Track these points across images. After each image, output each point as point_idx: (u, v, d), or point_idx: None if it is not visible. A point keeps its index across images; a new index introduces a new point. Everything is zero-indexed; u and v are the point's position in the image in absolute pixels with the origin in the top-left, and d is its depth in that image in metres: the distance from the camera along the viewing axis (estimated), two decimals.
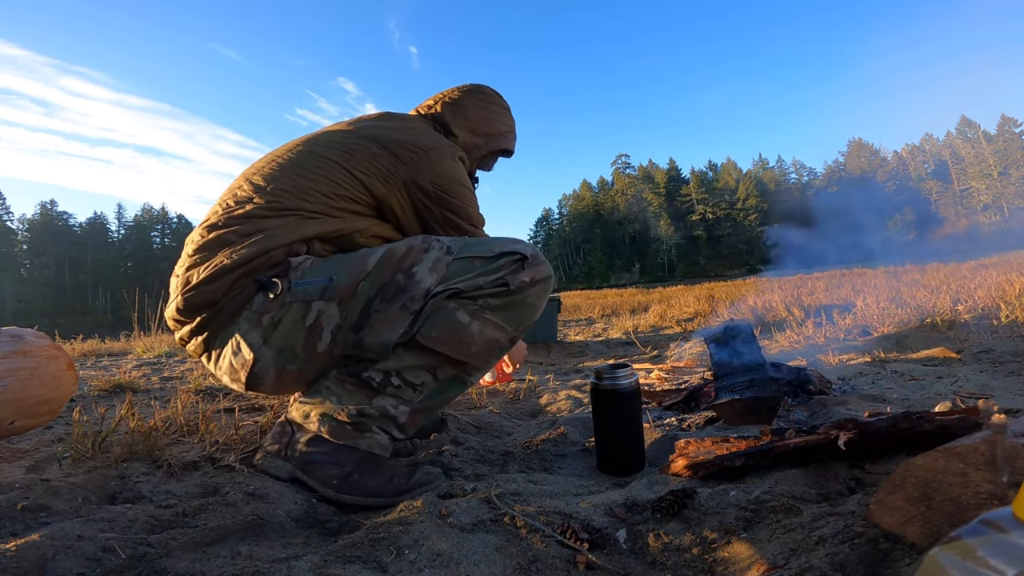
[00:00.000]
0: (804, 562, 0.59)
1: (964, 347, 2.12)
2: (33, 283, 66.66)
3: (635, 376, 1.06)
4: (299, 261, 1.00)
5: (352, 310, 0.97)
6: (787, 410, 1.36)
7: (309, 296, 0.96)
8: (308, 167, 1.08)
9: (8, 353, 1.18)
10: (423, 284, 0.97)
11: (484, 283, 0.99)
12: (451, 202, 1.17)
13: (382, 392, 0.97)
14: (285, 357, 0.97)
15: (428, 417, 1.04)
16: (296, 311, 0.96)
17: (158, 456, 1.11)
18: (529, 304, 1.03)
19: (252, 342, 0.97)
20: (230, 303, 0.98)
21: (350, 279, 0.98)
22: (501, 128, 1.39)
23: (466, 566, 0.67)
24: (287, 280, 0.98)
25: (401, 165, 1.12)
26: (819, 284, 5.90)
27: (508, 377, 2.45)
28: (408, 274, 0.98)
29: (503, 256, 1.01)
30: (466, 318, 0.98)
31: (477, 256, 1.01)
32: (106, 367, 3.22)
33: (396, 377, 0.97)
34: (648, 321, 5.36)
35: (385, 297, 0.97)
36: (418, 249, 1.01)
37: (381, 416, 0.98)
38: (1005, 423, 0.58)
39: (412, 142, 1.14)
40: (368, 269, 0.98)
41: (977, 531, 0.34)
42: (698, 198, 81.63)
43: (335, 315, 0.97)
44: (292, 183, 1.06)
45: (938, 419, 0.80)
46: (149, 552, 0.69)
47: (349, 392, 0.98)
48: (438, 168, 1.15)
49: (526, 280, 1.01)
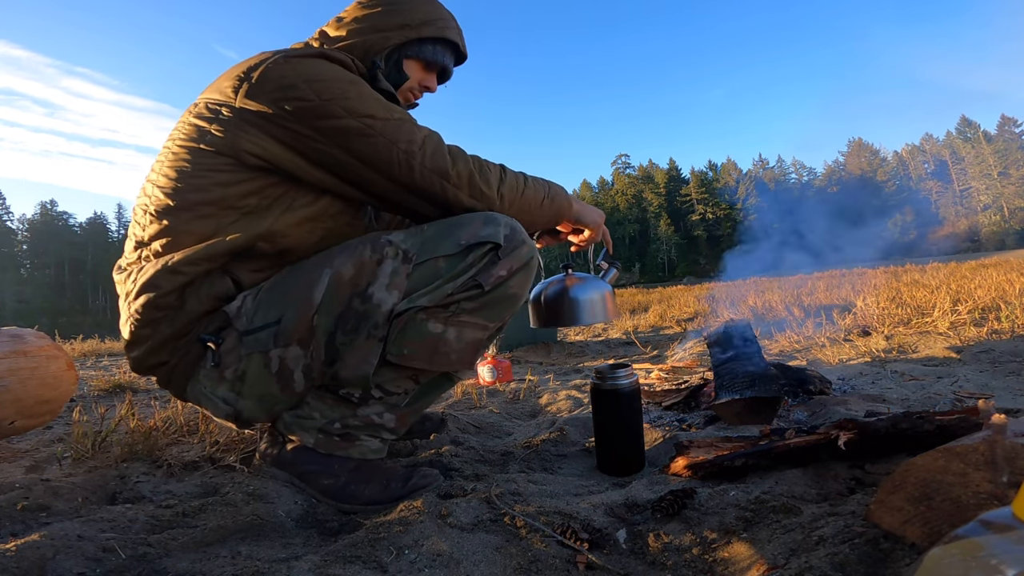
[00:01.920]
0: (804, 562, 0.59)
1: (964, 347, 2.12)
2: (33, 283, 66.66)
3: (635, 376, 1.06)
4: (237, 306, 0.87)
5: (317, 346, 0.87)
6: (787, 410, 1.36)
7: (263, 346, 0.86)
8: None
9: (8, 353, 1.18)
10: (384, 306, 0.86)
11: (453, 288, 0.87)
12: (323, 108, 0.83)
13: (365, 404, 0.92)
14: (266, 403, 0.91)
15: (416, 417, 0.99)
16: (257, 361, 0.87)
17: (158, 456, 1.11)
18: (511, 295, 0.92)
19: (226, 398, 0.90)
20: (181, 363, 0.91)
21: (300, 317, 0.86)
22: (420, 17, 1.03)
23: (466, 566, 0.67)
24: (234, 331, 0.87)
25: (222, 112, 0.85)
26: (819, 284, 5.89)
27: (508, 376, 2.45)
28: (364, 298, 0.86)
29: (472, 249, 0.87)
30: (439, 327, 0.88)
31: (441, 255, 0.87)
32: (106, 367, 3.22)
33: (377, 390, 0.91)
34: (648, 321, 5.35)
35: (346, 328, 0.86)
36: (370, 264, 0.87)
37: (367, 425, 0.93)
38: (1005, 423, 0.58)
39: (227, 75, 0.88)
40: (316, 302, 0.86)
41: (977, 531, 0.34)
42: (698, 198, 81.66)
43: (300, 355, 0.87)
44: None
45: (938, 419, 0.80)
46: (149, 552, 0.69)
47: (330, 406, 0.92)
48: (271, 79, 0.84)
49: (503, 275, 0.89)
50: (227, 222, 0.87)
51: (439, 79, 1.16)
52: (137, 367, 0.93)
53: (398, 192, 0.91)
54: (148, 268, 0.87)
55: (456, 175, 0.91)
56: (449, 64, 1.14)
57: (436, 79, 1.15)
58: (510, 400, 1.97)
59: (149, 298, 0.86)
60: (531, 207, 1.02)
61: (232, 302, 0.88)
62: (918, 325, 2.76)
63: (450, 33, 1.08)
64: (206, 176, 0.86)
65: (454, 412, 1.62)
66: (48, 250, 68.67)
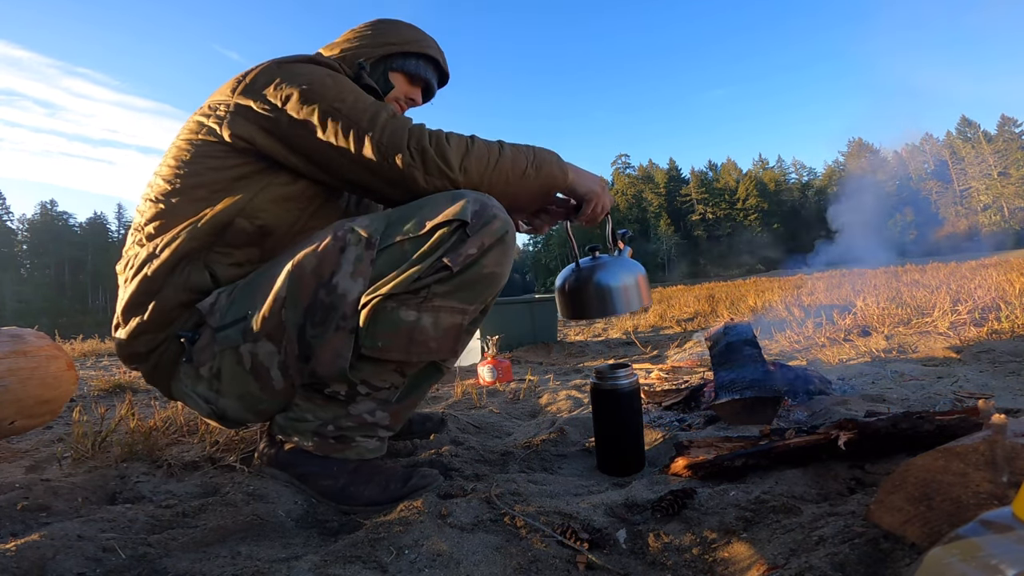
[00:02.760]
0: (804, 562, 0.59)
1: (964, 347, 2.12)
2: (33, 283, 66.66)
3: (635, 376, 1.06)
4: (211, 303, 0.89)
5: (289, 342, 0.86)
6: (787, 410, 1.36)
7: (233, 342, 0.87)
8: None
9: (8, 353, 1.18)
10: (350, 296, 0.83)
11: (421, 272, 0.82)
12: (302, 95, 0.88)
13: (352, 401, 0.90)
14: (248, 402, 0.91)
15: (411, 411, 0.98)
16: (229, 358, 0.88)
17: (158, 456, 1.11)
18: (487, 275, 0.86)
19: (207, 397, 0.91)
20: (161, 359, 0.94)
21: (267, 311, 0.85)
22: (404, 37, 1.13)
23: (466, 566, 0.67)
24: (208, 328, 0.88)
25: (219, 109, 0.93)
26: (819, 284, 5.89)
27: (508, 376, 2.45)
28: (329, 288, 0.84)
29: (437, 229, 0.83)
30: (412, 315, 0.83)
31: (406, 237, 0.84)
32: (106, 367, 3.22)
33: (362, 386, 0.89)
34: (648, 321, 5.36)
35: (315, 321, 0.84)
36: (331, 252, 0.84)
37: (361, 425, 0.91)
38: (1005, 423, 0.58)
39: (230, 80, 0.96)
40: (281, 296, 0.85)
41: (977, 531, 0.34)
42: (698, 198, 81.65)
43: (272, 351, 0.86)
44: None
45: (938, 419, 0.80)
46: (149, 552, 0.69)
47: (320, 407, 0.90)
48: (261, 79, 0.92)
49: (472, 253, 0.83)
50: (215, 201, 0.91)
51: (424, 96, 1.23)
52: (120, 352, 0.96)
53: (363, 174, 0.91)
54: (141, 252, 0.92)
55: (411, 152, 0.88)
56: (432, 79, 1.21)
57: (421, 94, 1.21)
58: (510, 400, 1.97)
59: (138, 283, 0.91)
60: (509, 180, 0.93)
61: (206, 298, 0.90)
62: (918, 325, 2.75)
63: (431, 51, 1.17)
64: (201, 162, 0.92)
65: (454, 412, 1.62)
66: (48, 250, 68.67)
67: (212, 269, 0.92)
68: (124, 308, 0.92)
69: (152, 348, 0.93)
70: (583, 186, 1.02)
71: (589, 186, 1.03)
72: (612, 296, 0.99)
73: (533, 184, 0.96)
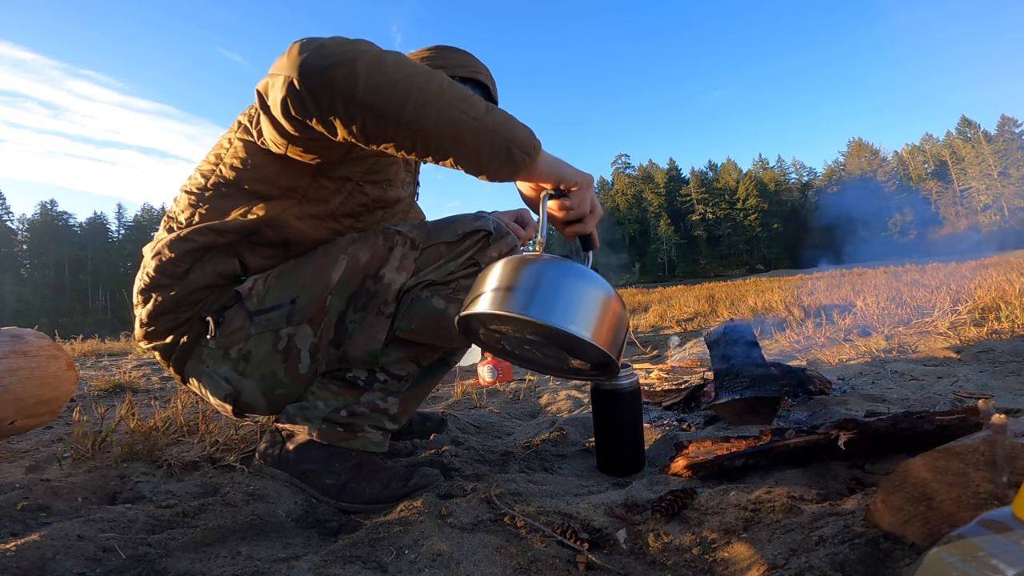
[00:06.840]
0: (804, 562, 0.59)
1: (964, 347, 2.12)
2: (33, 283, 66.66)
3: (635, 376, 1.06)
4: (248, 287, 0.94)
5: (327, 326, 0.94)
6: (787, 410, 1.36)
7: (275, 325, 0.93)
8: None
9: (8, 353, 1.18)
10: (394, 285, 0.96)
11: (454, 267, 0.98)
12: None
13: (369, 389, 0.97)
14: (268, 384, 0.95)
15: (418, 404, 1.05)
16: (266, 341, 0.93)
17: (158, 456, 1.11)
18: None
19: (228, 377, 0.94)
20: (183, 339, 0.96)
21: (315, 296, 0.94)
22: (458, 62, 1.21)
23: (466, 566, 0.67)
24: (243, 310, 0.93)
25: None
26: (819, 284, 5.90)
27: (508, 376, 2.45)
28: (376, 278, 0.96)
29: (468, 236, 1.00)
30: (442, 304, 0.96)
31: (443, 242, 0.99)
32: (106, 367, 3.22)
33: (382, 372, 0.97)
34: (648, 321, 5.36)
35: (358, 306, 0.95)
36: (381, 250, 0.97)
37: (372, 412, 0.97)
38: (1005, 423, 0.58)
39: None
40: (333, 282, 0.94)
41: (977, 531, 0.34)
42: (698, 198, 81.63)
43: (309, 334, 0.94)
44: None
45: (938, 419, 0.80)
46: (149, 552, 0.69)
47: (334, 394, 0.96)
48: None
49: (494, 255, 1.01)
50: (241, 203, 0.94)
51: None
52: (139, 330, 0.98)
53: None
54: (167, 237, 0.95)
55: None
56: None
57: None
58: (510, 400, 1.97)
59: (159, 262, 0.93)
60: (443, 127, 0.73)
61: (244, 283, 0.95)
62: (918, 325, 2.75)
63: (481, 77, 1.24)
64: (235, 159, 0.95)
65: (454, 412, 1.62)
66: (48, 250, 68.61)
67: (242, 258, 0.96)
68: (145, 288, 0.95)
69: (174, 327, 0.96)
70: (566, 174, 0.83)
71: (575, 177, 0.83)
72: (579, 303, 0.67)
73: (485, 147, 0.76)
